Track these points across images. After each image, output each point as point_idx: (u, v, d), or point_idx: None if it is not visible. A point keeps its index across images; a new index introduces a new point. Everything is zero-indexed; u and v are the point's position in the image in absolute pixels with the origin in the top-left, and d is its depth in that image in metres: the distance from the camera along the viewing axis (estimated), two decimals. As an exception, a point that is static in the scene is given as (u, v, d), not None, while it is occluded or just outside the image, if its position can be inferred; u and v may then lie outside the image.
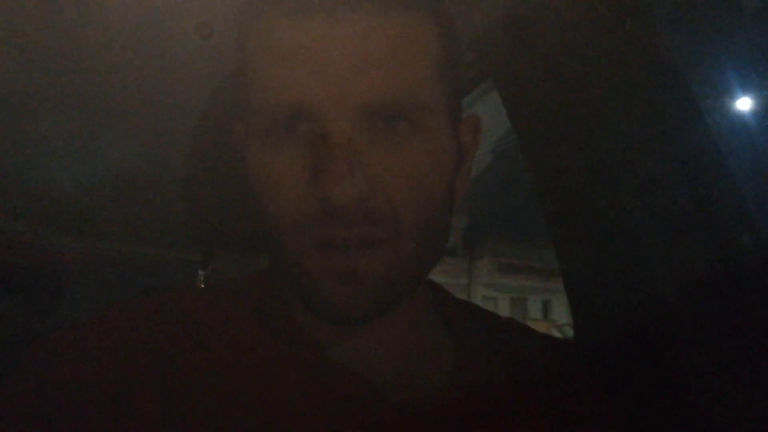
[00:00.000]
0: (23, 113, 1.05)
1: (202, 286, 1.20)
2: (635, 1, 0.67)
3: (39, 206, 1.23)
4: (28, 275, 1.53)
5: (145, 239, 1.42)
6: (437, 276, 0.57)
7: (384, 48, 0.44)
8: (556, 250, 0.73)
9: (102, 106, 1.03)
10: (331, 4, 0.43)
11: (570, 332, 0.73)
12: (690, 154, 0.66)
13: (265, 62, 0.46)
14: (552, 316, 13.10)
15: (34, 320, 1.50)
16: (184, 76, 0.85)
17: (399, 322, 0.52)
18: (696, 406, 0.58)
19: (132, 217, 1.27)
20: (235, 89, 0.51)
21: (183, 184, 0.70)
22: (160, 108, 1.00)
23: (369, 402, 0.48)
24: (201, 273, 1.11)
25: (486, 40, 0.77)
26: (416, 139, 0.46)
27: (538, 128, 0.74)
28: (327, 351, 0.50)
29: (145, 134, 1.05)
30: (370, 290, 0.46)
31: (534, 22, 0.71)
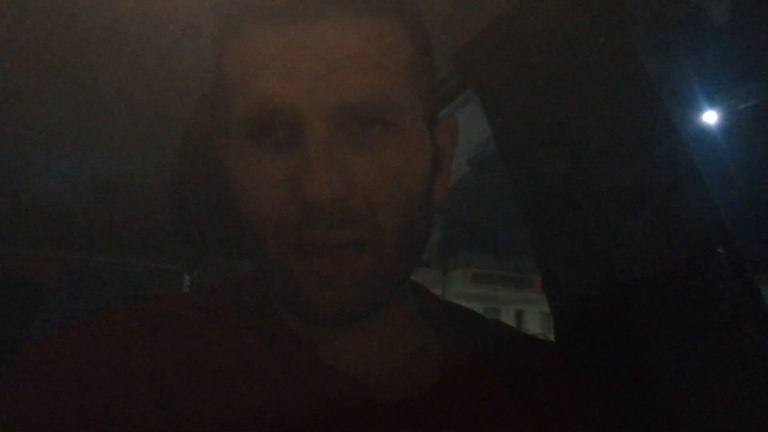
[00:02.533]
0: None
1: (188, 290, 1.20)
2: (611, 15, 0.69)
3: (15, 215, 1.21)
4: (5, 286, 1.51)
5: (124, 249, 1.40)
6: (411, 286, 0.58)
7: (356, 52, 0.45)
8: (536, 255, 0.75)
9: (80, 115, 1.02)
10: (304, 11, 0.44)
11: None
12: (665, 162, 0.68)
13: (241, 70, 0.47)
14: (525, 325, 13.18)
15: (13, 331, 1.48)
16: (168, 84, 0.85)
17: (385, 324, 0.53)
18: (669, 404, 0.61)
19: (111, 227, 1.26)
20: (216, 99, 0.52)
21: (170, 191, 0.71)
22: (141, 117, 1.00)
23: (358, 402, 0.48)
24: (187, 278, 1.11)
25: (467, 51, 0.79)
26: (391, 139, 0.47)
27: (519, 136, 0.76)
28: (315, 352, 0.51)
29: (125, 142, 1.05)
30: (352, 292, 0.47)
31: (514, 34, 0.73)
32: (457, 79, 0.86)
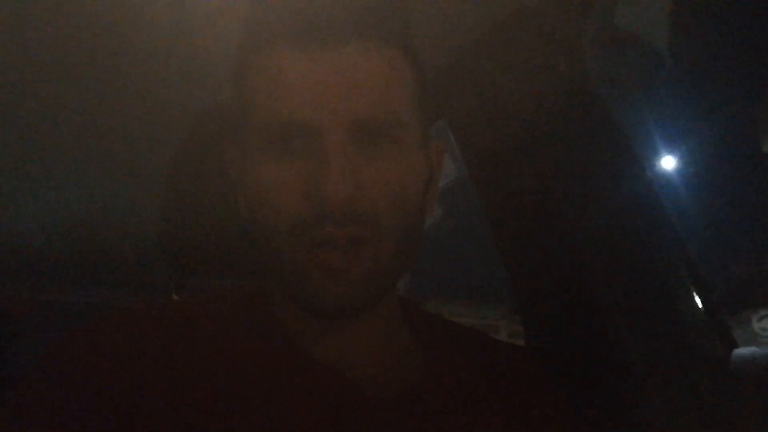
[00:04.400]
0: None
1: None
2: (567, 50, 0.76)
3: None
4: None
5: (100, 284, 1.39)
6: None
7: (371, 74, 0.52)
8: (506, 273, 0.79)
9: (55, 147, 1.03)
10: (327, 37, 0.51)
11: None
12: (627, 187, 0.74)
13: (266, 87, 0.53)
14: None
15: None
16: (151, 114, 0.88)
17: (376, 323, 0.58)
18: (633, 398, 0.66)
19: (88, 262, 1.25)
20: (229, 114, 0.59)
21: (159, 207, 0.74)
22: (119, 147, 1.01)
23: (348, 399, 0.52)
24: (175, 297, 1.11)
25: (437, 85, 0.85)
26: (396, 153, 0.53)
27: (490, 163, 0.81)
28: (310, 348, 0.56)
29: (105, 174, 1.05)
30: (356, 285, 0.52)
31: (479, 68, 0.79)
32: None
